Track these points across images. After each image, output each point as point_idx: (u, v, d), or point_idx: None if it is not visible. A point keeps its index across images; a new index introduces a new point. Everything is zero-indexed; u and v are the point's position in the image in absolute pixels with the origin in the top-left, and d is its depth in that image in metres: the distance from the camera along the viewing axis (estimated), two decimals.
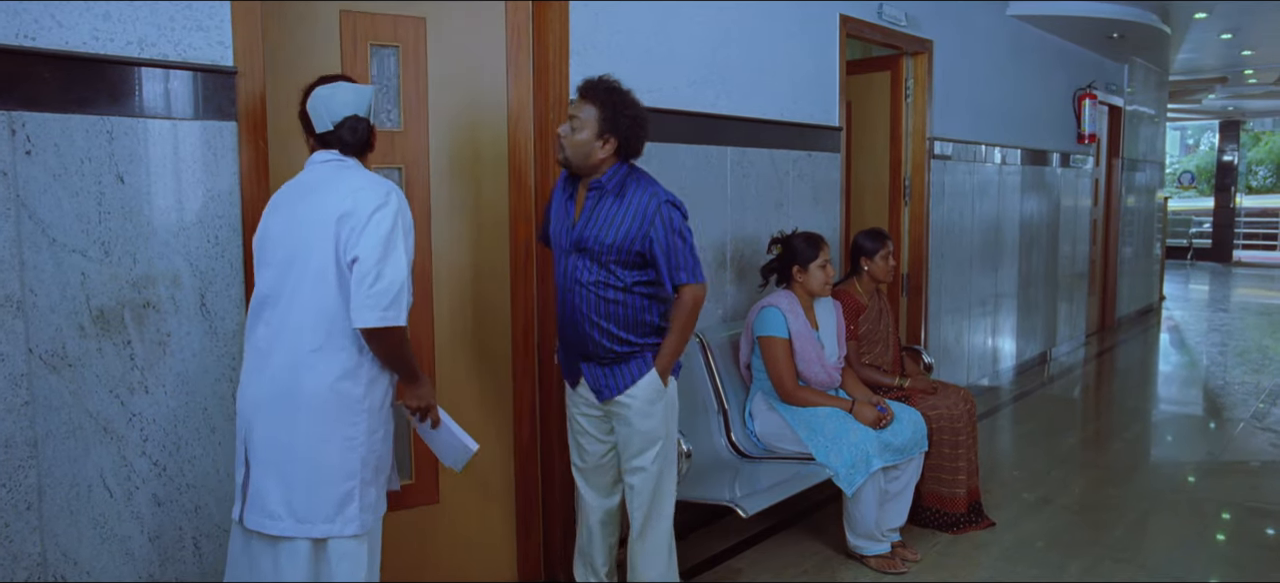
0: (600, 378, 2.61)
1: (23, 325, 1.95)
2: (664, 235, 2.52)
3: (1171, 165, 22.74)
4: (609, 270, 2.52)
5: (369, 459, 2.10)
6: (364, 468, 2.09)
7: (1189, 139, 28.53)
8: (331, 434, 2.05)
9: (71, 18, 1.99)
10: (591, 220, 2.54)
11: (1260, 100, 14.15)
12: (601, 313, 2.54)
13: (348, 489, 2.07)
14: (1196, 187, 22.61)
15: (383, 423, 2.15)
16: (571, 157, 2.53)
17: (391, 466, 2.26)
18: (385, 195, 2.04)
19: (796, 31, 4.15)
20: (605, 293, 2.53)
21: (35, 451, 1.98)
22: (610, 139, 2.51)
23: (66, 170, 2.00)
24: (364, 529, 2.10)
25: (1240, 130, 17.61)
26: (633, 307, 2.55)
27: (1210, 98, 13.52)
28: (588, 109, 2.50)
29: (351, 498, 2.07)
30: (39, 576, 2.00)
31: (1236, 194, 17.13)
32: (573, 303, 2.57)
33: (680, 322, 2.61)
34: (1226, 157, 17.23)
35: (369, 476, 2.11)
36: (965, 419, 3.64)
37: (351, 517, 2.08)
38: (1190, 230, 17.07)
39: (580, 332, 2.57)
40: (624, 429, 2.64)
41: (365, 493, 2.10)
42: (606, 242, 2.51)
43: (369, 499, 2.12)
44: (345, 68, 2.68)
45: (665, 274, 2.54)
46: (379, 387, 2.12)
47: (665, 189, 2.58)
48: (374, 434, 2.11)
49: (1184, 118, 19.20)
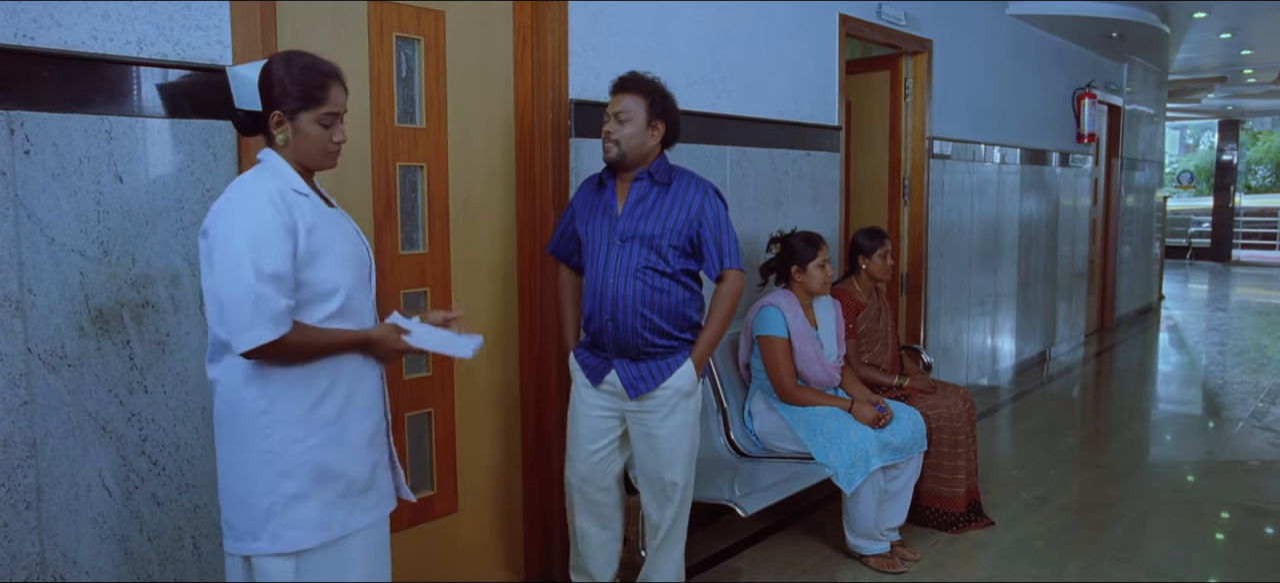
0: (635, 374, 2.62)
1: (21, 325, 1.95)
2: (713, 222, 2.64)
3: (1170, 165, 22.74)
4: (661, 256, 2.59)
5: (294, 472, 1.88)
6: (286, 481, 1.87)
7: (1188, 138, 28.54)
8: (246, 449, 1.87)
9: (70, 17, 1.99)
10: (644, 208, 2.60)
11: (1259, 100, 14.16)
12: (648, 302, 2.58)
13: (268, 505, 1.87)
14: (1195, 186, 22.61)
15: (318, 430, 1.91)
16: (626, 150, 2.59)
17: (378, 479, 2.04)
18: (225, 202, 1.84)
19: (796, 31, 4.15)
20: (655, 281, 2.58)
21: (34, 450, 1.98)
22: (659, 126, 2.62)
23: (65, 170, 1.99)
24: (294, 547, 1.88)
25: (1239, 130, 17.62)
26: (677, 297, 2.62)
27: (1209, 97, 13.53)
28: (632, 101, 2.58)
29: (274, 514, 1.87)
30: (38, 575, 2.00)
31: (1235, 193, 17.14)
32: (619, 294, 2.59)
33: (723, 308, 2.68)
34: (1225, 156, 17.24)
35: (299, 489, 1.88)
36: (964, 419, 3.64)
37: (276, 533, 1.87)
38: (1189, 230, 17.08)
39: (623, 324, 2.59)
40: (653, 431, 2.65)
41: (295, 508, 1.88)
42: (661, 228, 2.58)
43: (304, 514, 1.89)
44: (372, 59, 2.65)
45: (714, 259, 2.65)
46: (301, 394, 1.89)
47: (705, 178, 2.70)
48: (298, 444, 1.88)
49: (1183, 117, 19.22)
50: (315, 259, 1.88)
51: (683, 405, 2.65)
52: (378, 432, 2.05)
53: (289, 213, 1.84)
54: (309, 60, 1.94)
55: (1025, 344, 6.86)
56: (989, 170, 6.12)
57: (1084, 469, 4.55)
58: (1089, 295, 8.29)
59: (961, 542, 3.59)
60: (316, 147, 1.95)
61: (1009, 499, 4.05)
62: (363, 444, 1.99)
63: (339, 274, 1.93)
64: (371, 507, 2.03)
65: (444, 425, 2.94)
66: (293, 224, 1.84)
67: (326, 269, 1.90)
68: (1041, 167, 6.96)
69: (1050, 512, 3.93)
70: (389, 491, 2.10)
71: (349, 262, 1.96)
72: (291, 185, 1.90)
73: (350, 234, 2.02)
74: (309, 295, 1.88)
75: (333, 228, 1.95)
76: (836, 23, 4.40)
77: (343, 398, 1.95)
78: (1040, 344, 7.14)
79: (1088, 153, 7.87)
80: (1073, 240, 7.70)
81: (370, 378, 2.02)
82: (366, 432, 2.00)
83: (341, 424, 1.95)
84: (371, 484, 2.02)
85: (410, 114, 2.79)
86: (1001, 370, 6.50)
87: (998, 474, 4.41)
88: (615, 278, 2.59)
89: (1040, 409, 5.83)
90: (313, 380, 1.90)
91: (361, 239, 2.08)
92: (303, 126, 1.93)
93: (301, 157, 1.96)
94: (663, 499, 2.71)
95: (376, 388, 2.05)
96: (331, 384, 1.93)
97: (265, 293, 1.77)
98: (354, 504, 1.98)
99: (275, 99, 1.90)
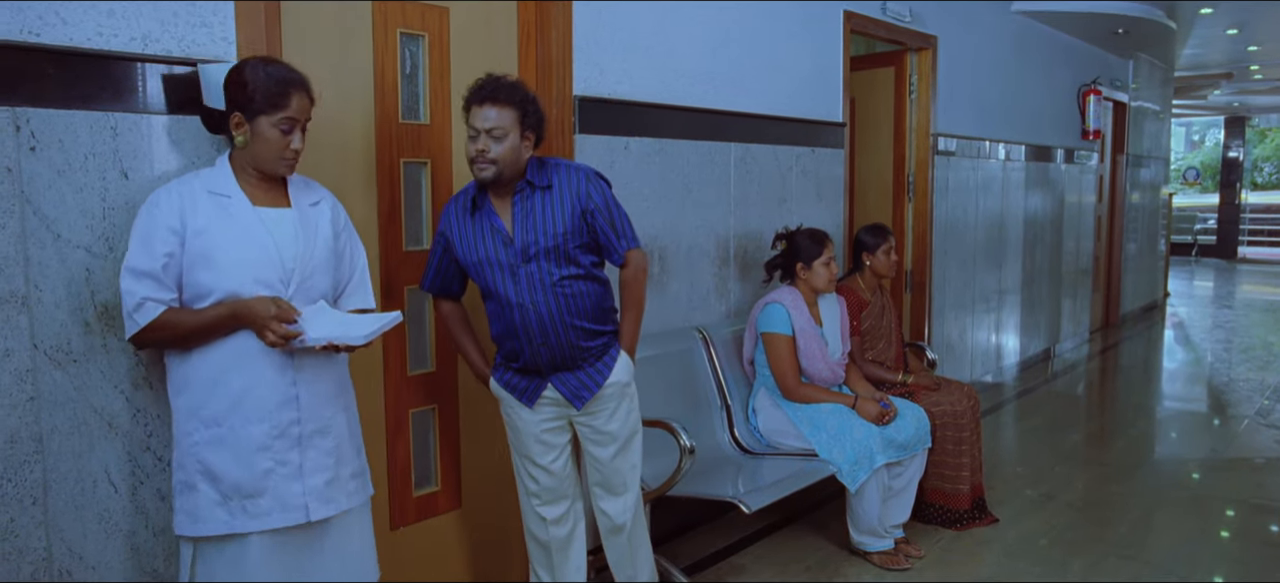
0: (576, 384, 2.53)
1: (27, 321, 1.95)
2: (603, 205, 2.51)
3: (1176, 161, 22.65)
4: (571, 261, 2.47)
5: (185, 463, 1.98)
6: (179, 470, 1.99)
7: (1194, 135, 28.44)
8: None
9: (76, 14, 2.00)
10: (533, 220, 2.45)
11: (1266, 96, 14.10)
12: (573, 309, 2.47)
13: (175, 485, 2.02)
14: (1201, 183, 22.52)
15: (202, 429, 1.96)
16: (504, 169, 2.39)
17: (273, 487, 1.99)
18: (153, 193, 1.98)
19: (800, 27, 4.14)
20: (572, 287, 2.47)
21: (40, 446, 1.99)
22: (530, 135, 2.44)
23: (71, 166, 2.00)
24: (181, 532, 1.99)
25: (1246, 126, 17.55)
26: (594, 294, 2.52)
27: (1216, 94, 13.48)
28: (504, 114, 2.36)
29: (177, 495, 2.01)
30: (44, 570, 2.01)
31: (1242, 190, 17.09)
32: (541, 313, 2.45)
33: (637, 292, 2.60)
34: (1232, 153, 17.18)
35: (187, 479, 1.98)
36: (969, 416, 3.63)
37: (176, 513, 2.01)
38: (1195, 227, 17.02)
39: (557, 342, 2.47)
40: (603, 428, 2.59)
41: (185, 496, 1.99)
42: (560, 231, 2.44)
43: (190, 504, 1.98)
44: (376, 56, 2.65)
45: (615, 243, 2.53)
46: (191, 392, 1.97)
47: (581, 163, 2.59)
48: (186, 438, 1.97)
49: (1189, 114, 19.14)
50: (199, 263, 1.94)
51: (628, 395, 2.61)
52: (276, 440, 1.99)
53: (179, 214, 1.93)
54: (278, 67, 2.01)
55: (1030, 341, 6.84)
56: (994, 167, 6.11)
57: (1089, 466, 4.54)
58: (1094, 292, 8.27)
59: (966, 539, 3.58)
60: (272, 151, 2.01)
61: (1013, 496, 4.05)
62: (250, 449, 1.97)
63: (221, 279, 1.94)
64: (262, 514, 1.98)
65: (447, 422, 2.94)
66: (180, 226, 1.93)
67: (207, 275, 1.94)
68: (1046, 163, 6.94)
69: (1055, 509, 3.92)
70: (293, 503, 2.01)
71: (243, 266, 1.96)
72: (210, 186, 1.99)
73: (281, 238, 2.02)
74: (190, 295, 1.95)
75: (239, 231, 1.98)
76: (841, 19, 4.39)
77: (229, 400, 1.96)
78: (1045, 341, 7.13)
79: (1093, 149, 7.85)
80: (1078, 237, 7.69)
81: (269, 383, 1.98)
82: (256, 438, 1.97)
83: (227, 426, 1.96)
84: (262, 492, 1.98)
85: (414, 111, 2.79)
86: (1006, 367, 6.49)
87: (1002, 471, 4.40)
88: (533, 299, 2.44)
89: (1045, 406, 5.82)
90: (198, 379, 1.97)
91: (309, 243, 2.06)
92: (261, 130, 2.00)
93: (257, 160, 2.02)
94: (622, 491, 2.66)
95: (278, 396, 1.99)
96: (216, 384, 1.96)
97: (129, 288, 1.91)
98: (238, 508, 1.97)
99: (237, 100, 1.98)
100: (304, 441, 2.03)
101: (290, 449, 2.01)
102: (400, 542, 2.83)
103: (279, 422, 2.00)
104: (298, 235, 2.05)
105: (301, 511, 2.02)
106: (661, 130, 3.45)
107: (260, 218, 2.01)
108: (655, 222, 3.45)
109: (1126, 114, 8.67)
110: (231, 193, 2.00)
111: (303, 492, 2.03)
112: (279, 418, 2.00)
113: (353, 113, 2.62)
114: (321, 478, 2.06)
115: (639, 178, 3.37)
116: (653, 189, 3.44)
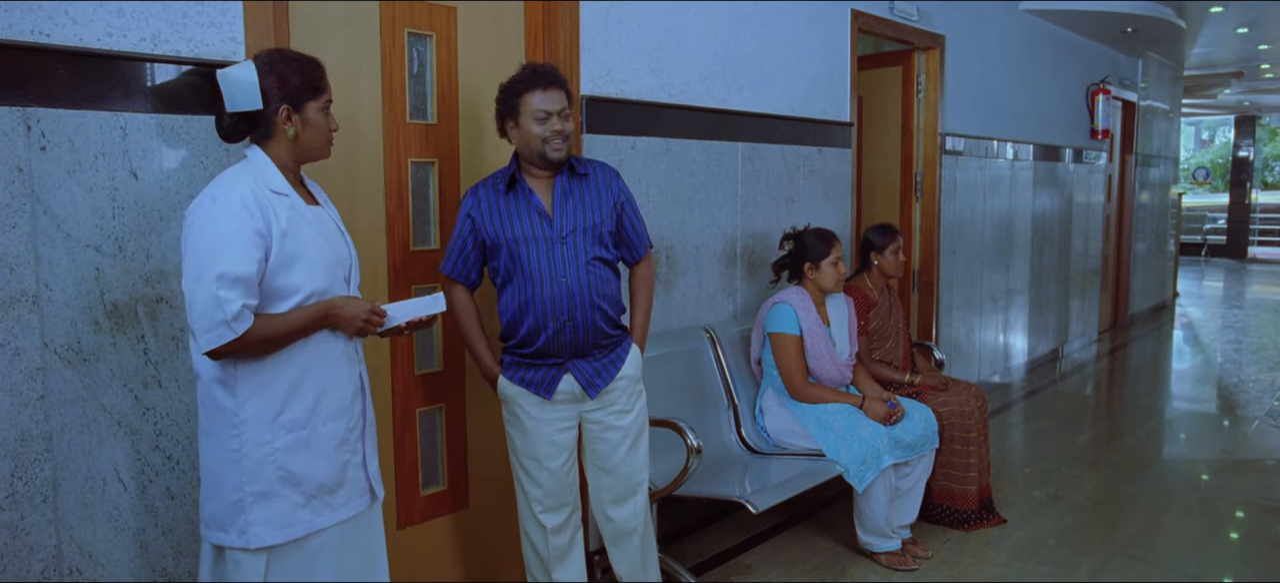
0: (591, 371, 2.55)
1: (38, 320, 1.97)
2: (629, 204, 2.66)
3: (1186, 161, 22.56)
4: (603, 244, 2.56)
5: (260, 473, 1.87)
6: (253, 481, 1.87)
7: (1204, 134, 28.31)
8: (217, 444, 1.88)
9: (85, 15, 2.01)
10: (573, 202, 2.53)
11: (1277, 95, 14.02)
12: (600, 292, 2.54)
13: (236, 500, 1.87)
14: (1211, 182, 22.43)
15: (284, 434, 1.90)
16: (572, 148, 2.57)
17: (349, 477, 2.01)
18: (201, 200, 1.84)
19: (807, 27, 4.13)
20: (602, 271, 2.55)
21: (50, 444, 2.00)
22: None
23: (81, 166, 2.01)
24: (260, 543, 1.88)
25: (1256, 125, 17.46)
26: (615, 284, 2.61)
27: (1225, 93, 13.41)
28: (564, 96, 2.49)
29: (242, 510, 1.87)
30: (54, 568, 2.02)
31: (1252, 190, 17.01)
32: (571, 288, 2.48)
33: (650, 289, 2.73)
34: (1242, 152, 17.10)
35: (266, 488, 1.88)
36: (976, 416, 3.62)
37: (244, 529, 1.88)
38: (1204, 227, 16.96)
39: (582, 320, 2.50)
40: (615, 424, 2.60)
41: (263, 506, 1.88)
42: (598, 217, 2.56)
43: (271, 513, 1.89)
44: (384, 55, 2.66)
45: (639, 238, 2.67)
46: (268, 398, 1.88)
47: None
48: (263, 447, 1.87)
49: (1199, 113, 19.06)
50: (289, 264, 1.88)
51: (639, 390, 2.65)
52: (351, 432, 2.01)
53: (262, 217, 1.84)
54: (297, 54, 1.97)
55: (1038, 341, 6.82)
56: (1002, 167, 6.09)
57: (1097, 467, 4.53)
58: (1102, 292, 8.24)
59: (973, 540, 3.58)
60: (321, 135, 1.99)
61: (1021, 497, 4.04)
62: (332, 447, 1.97)
63: (309, 278, 1.91)
64: (340, 505, 2.00)
65: (455, 421, 2.95)
66: (266, 228, 1.84)
67: (298, 274, 1.89)
68: (1055, 163, 6.91)
69: (1063, 510, 3.91)
70: (362, 488, 2.05)
71: (322, 264, 1.95)
72: (270, 186, 1.90)
73: (331, 234, 2.01)
74: (268, 298, 1.86)
75: (311, 229, 1.94)
76: (848, 18, 4.38)
77: (311, 401, 1.93)
78: (1053, 341, 7.11)
79: (1102, 149, 7.82)
80: (1086, 237, 7.66)
81: (344, 378, 2.00)
82: (337, 433, 1.98)
83: (310, 428, 1.93)
84: (341, 484, 1.99)
85: (422, 110, 2.80)
86: (1014, 368, 6.47)
87: (1010, 472, 4.39)
88: (566, 275, 2.47)
89: (1053, 407, 5.80)
90: (278, 384, 1.89)
91: (344, 238, 2.07)
92: (309, 117, 1.96)
93: (308, 148, 1.98)
94: (632, 493, 2.66)
95: (351, 389, 2.02)
96: (296, 388, 1.91)
97: (225, 296, 1.76)
98: (321, 505, 1.96)
99: (283, 93, 1.91)
100: (367, 429, 2.08)
101: (360, 439, 2.06)
102: (407, 541, 2.84)
103: (353, 415, 2.02)
104: (339, 231, 2.07)
105: (367, 494, 2.06)
106: (668, 130, 3.45)
107: (315, 216, 1.99)
108: (663, 221, 3.45)
109: (1135, 113, 8.63)
110: (288, 191, 1.93)
111: (366, 477, 2.07)
112: (352, 411, 2.02)
113: (360, 112, 2.63)
114: (375, 463, 2.12)
115: (646, 177, 3.37)
116: (660, 189, 3.44)
